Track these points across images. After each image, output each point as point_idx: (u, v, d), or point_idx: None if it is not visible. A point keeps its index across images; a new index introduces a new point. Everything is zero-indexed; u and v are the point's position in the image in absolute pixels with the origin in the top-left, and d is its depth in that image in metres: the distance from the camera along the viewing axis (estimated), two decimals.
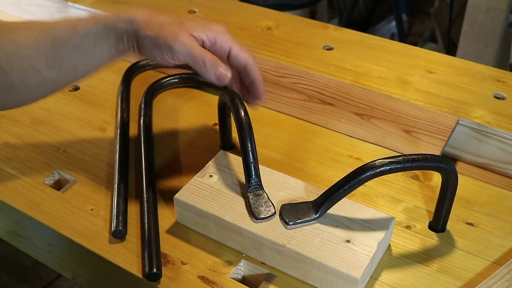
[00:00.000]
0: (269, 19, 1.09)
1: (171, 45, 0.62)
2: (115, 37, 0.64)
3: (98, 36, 0.64)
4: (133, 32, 0.64)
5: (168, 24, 0.63)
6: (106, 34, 0.64)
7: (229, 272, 0.62)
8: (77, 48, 0.64)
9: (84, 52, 0.64)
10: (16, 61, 0.62)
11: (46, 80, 0.64)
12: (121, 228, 0.65)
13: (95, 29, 0.64)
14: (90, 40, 0.64)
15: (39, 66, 0.63)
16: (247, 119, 0.65)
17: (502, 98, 0.87)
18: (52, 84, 0.66)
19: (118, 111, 0.84)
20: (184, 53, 0.62)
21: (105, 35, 0.64)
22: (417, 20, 2.69)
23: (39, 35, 0.63)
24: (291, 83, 0.91)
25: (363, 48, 0.99)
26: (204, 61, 0.62)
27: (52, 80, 0.65)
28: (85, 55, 0.65)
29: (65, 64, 0.64)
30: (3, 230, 0.77)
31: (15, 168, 0.76)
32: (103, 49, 0.65)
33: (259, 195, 0.63)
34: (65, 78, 0.66)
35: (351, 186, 0.59)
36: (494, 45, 1.73)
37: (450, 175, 0.60)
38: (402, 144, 0.78)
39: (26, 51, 0.62)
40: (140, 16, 0.64)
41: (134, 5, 0.65)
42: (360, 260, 0.57)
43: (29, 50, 0.62)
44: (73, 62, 0.65)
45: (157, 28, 0.63)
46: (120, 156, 0.75)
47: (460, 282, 0.60)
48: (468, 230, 0.66)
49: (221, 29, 0.66)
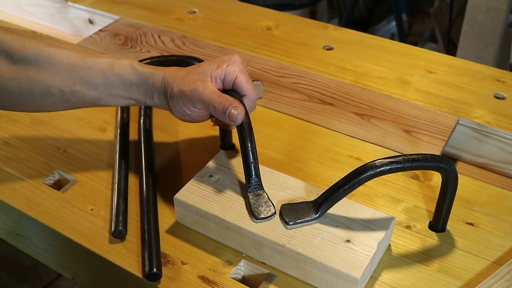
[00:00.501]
0: (269, 19, 1.09)
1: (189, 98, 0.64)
2: (147, 90, 0.66)
3: (131, 84, 0.66)
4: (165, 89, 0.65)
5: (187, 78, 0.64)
6: (138, 85, 0.66)
7: (229, 272, 0.62)
8: (107, 86, 0.66)
9: (113, 92, 0.66)
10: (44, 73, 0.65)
11: (66, 99, 0.67)
12: (121, 228, 0.65)
13: (130, 76, 0.66)
14: (122, 84, 0.66)
15: (64, 87, 0.66)
16: (247, 119, 0.65)
17: (502, 98, 0.87)
18: (71, 104, 0.68)
19: (118, 111, 0.84)
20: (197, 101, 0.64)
21: (137, 85, 0.66)
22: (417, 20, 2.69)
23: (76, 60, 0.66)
24: (291, 83, 0.91)
25: (363, 48, 1.00)
26: (214, 106, 0.63)
27: (72, 101, 0.67)
28: (113, 95, 0.67)
29: (90, 93, 0.66)
30: (3, 230, 0.77)
31: (15, 168, 0.76)
32: (131, 95, 0.67)
33: (259, 195, 0.63)
34: (84, 103, 0.68)
35: (351, 186, 0.59)
36: (494, 45, 1.73)
37: (450, 175, 0.60)
38: (402, 144, 0.78)
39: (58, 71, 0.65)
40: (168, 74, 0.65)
41: None
42: (360, 260, 0.57)
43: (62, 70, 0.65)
44: (99, 95, 0.67)
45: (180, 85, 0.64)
46: (120, 156, 0.75)
47: (460, 282, 0.60)
48: (468, 230, 0.66)
49: (233, 58, 0.66)
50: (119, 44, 1.02)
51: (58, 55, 0.66)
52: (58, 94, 0.66)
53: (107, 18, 1.11)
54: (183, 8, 1.13)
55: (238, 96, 0.65)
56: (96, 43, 1.02)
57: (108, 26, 1.07)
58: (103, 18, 1.11)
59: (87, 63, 0.66)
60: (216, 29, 1.06)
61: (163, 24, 1.07)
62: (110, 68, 0.66)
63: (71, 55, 0.66)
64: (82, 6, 1.14)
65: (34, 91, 0.66)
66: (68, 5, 1.15)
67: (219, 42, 1.02)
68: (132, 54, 0.99)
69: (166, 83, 0.65)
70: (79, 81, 0.66)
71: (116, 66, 0.66)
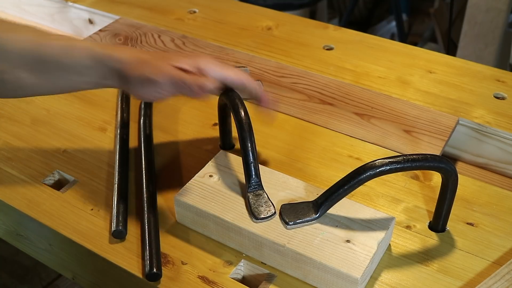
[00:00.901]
0: (269, 19, 1.09)
1: (155, 79, 0.63)
2: (104, 73, 0.65)
3: (87, 67, 0.65)
4: (121, 73, 0.64)
5: (151, 61, 0.64)
6: (95, 68, 0.65)
7: (229, 272, 0.62)
8: (62, 71, 0.65)
9: (69, 75, 0.65)
10: None
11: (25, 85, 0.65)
12: (121, 228, 0.65)
13: (86, 60, 0.65)
14: (79, 67, 0.65)
15: (19, 72, 0.64)
16: (247, 119, 0.65)
17: (502, 98, 0.87)
18: (31, 91, 0.67)
19: (118, 111, 0.84)
20: (167, 82, 0.63)
21: (94, 68, 0.65)
22: (417, 20, 2.69)
23: (31, 45, 0.64)
24: (291, 83, 0.91)
25: (363, 48, 0.99)
26: (184, 80, 0.62)
27: (31, 87, 0.66)
28: (69, 78, 0.66)
29: (47, 78, 0.65)
30: (3, 230, 0.77)
31: (15, 168, 0.76)
32: (88, 78, 0.66)
33: (259, 195, 0.63)
34: (45, 89, 0.68)
35: (351, 186, 0.59)
36: (494, 45, 1.73)
37: (450, 175, 0.60)
38: (402, 144, 0.78)
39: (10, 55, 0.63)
40: (127, 57, 0.64)
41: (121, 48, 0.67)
42: (360, 260, 0.57)
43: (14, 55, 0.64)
44: (56, 81, 0.66)
45: (141, 68, 0.64)
46: (120, 156, 0.75)
47: (460, 282, 0.60)
48: (468, 230, 0.66)
49: (208, 59, 0.65)
50: (119, 44, 1.02)
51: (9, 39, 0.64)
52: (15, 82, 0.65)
53: (107, 18, 1.11)
54: (183, 8, 1.13)
55: None
56: None
57: (108, 26, 1.07)
58: (103, 18, 1.11)
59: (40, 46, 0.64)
60: (216, 29, 1.06)
61: (163, 24, 1.07)
62: (64, 52, 0.64)
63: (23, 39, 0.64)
64: (82, 6, 1.14)
65: None
66: (68, 5, 1.15)
67: (219, 42, 1.02)
68: None
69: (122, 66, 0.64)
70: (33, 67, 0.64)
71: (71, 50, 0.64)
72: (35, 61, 0.64)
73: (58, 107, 0.86)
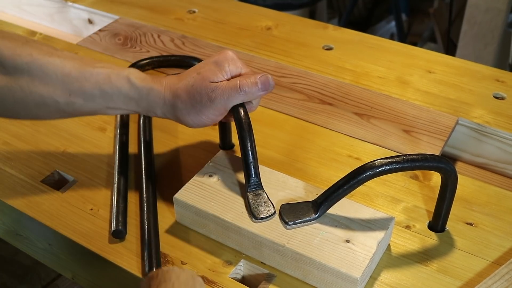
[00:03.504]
0: (268, 19, 1.09)
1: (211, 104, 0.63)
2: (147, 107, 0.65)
3: (129, 98, 0.64)
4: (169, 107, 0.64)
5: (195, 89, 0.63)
6: (137, 101, 0.65)
7: (229, 272, 0.62)
8: (104, 99, 0.64)
9: (111, 104, 0.65)
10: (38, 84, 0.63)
11: (61, 109, 0.65)
12: (121, 228, 0.65)
13: (128, 90, 0.64)
14: (121, 97, 0.64)
15: (58, 97, 0.64)
16: (247, 119, 0.65)
17: (502, 98, 0.87)
18: (66, 114, 0.67)
19: None
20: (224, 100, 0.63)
21: (136, 101, 0.65)
22: (416, 20, 2.69)
23: (71, 71, 0.64)
24: (291, 83, 0.91)
25: (363, 48, 1.00)
26: (241, 87, 0.62)
27: (67, 111, 0.66)
28: (110, 106, 0.65)
29: (86, 105, 0.65)
30: (2, 230, 0.77)
31: (15, 168, 0.76)
32: (130, 108, 0.66)
33: (258, 195, 0.63)
34: (81, 113, 0.67)
35: (350, 186, 0.59)
36: (494, 45, 1.73)
37: (449, 175, 0.60)
38: (402, 144, 0.78)
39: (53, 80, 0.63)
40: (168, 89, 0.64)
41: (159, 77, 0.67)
42: (359, 260, 0.57)
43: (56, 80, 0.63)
44: (95, 106, 0.65)
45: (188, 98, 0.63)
46: (120, 156, 0.75)
47: (460, 282, 0.60)
48: (467, 230, 0.66)
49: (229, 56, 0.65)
50: (119, 44, 1.02)
51: (52, 64, 0.63)
52: (53, 105, 0.64)
53: (107, 18, 1.11)
54: (183, 8, 1.13)
55: None
56: (96, 43, 1.02)
57: (107, 26, 1.07)
58: (103, 18, 1.11)
59: (82, 73, 0.64)
60: (216, 29, 1.06)
61: (163, 24, 1.07)
62: (108, 81, 0.64)
63: (66, 65, 0.64)
64: (81, 6, 1.14)
65: (28, 101, 0.64)
66: (68, 5, 1.15)
67: (219, 42, 1.02)
68: (132, 54, 0.99)
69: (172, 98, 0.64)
70: (74, 93, 0.64)
71: (114, 78, 0.64)
72: (77, 88, 0.64)
73: None
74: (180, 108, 0.64)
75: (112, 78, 0.64)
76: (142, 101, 0.65)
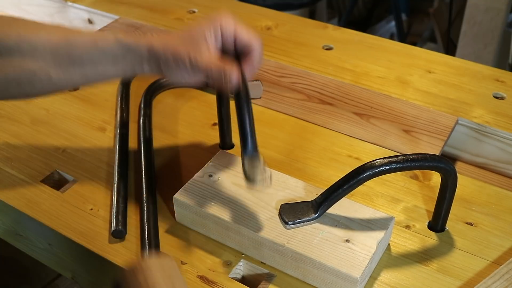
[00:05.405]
0: (268, 19, 1.09)
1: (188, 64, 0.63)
2: (134, 60, 0.65)
3: (117, 56, 0.64)
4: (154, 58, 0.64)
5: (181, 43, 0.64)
6: (125, 56, 0.65)
7: (229, 272, 0.62)
8: (93, 63, 0.65)
9: (100, 67, 0.65)
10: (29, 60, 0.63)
11: (54, 82, 0.65)
12: (120, 228, 0.65)
13: (116, 49, 0.64)
14: (109, 58, 0.64)
15: (50, 69, 0.64)
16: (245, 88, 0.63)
17: (502, 98, 0.87)
18: (59, 86, 0.67)
19: (118, 111, 0.84)
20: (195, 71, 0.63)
21: (124, 56, 0.65)
22: (416, 20, 2.69)
23: (62, 41, 0.64)
24: (290, 83, 0.91)
25: (363, 48, 1.00)
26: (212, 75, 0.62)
27: (59, 84, 0.66)
28: (100, 70, 0.65)
29: (77, 73, 0.65)
30: (2, 230, 0.77)
31: (15, 168, 0.76)
32: (119, 67, 0.65)
33: (254, 159, 0.60)
34: (73, 84, 0.67)
35: (350, 186, 0.59)
36: (494, 45, 1.73)
37: (449, 174, 0.60)
38: (402, 143, 0.78)
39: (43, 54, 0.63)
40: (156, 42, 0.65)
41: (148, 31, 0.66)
42: (359, 260, 0.57)
43: (47, 53, 0.63)
44: (86, 73, 0.65)
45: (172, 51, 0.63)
46: (120, 156, 0.75)
47: (460, 281, 0.60)
48: (467, 229, 0.66)
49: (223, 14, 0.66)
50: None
51: (39, 38, 0.64)
52: (45, 80, 0.64)
53: (107, 18, 1.11)
54: (183, 8, 1.13)
55: None
56: None
57: (107, 26, 1.07)
58: (103, 18, 1.11)
59: (69, 41, 0.64)
60: None
61: (163, 24, 1.07)
62: (94, 44, 0.64)
63: (52, 37, 0.64)
64: (81, 6, 1.14)
65: (21, 80, 0.64)
66: (68, 5, 1.15)
67: None
68: None
69: (156, 52, 0.64)
70: (64, 62, 0.64)
71: (100, 40, 0.64)
72: (67, 57, 0.64)
73: (57, 107, 0.86)
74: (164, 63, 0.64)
75: (98, 40, 0.65)
76: (128, 56, 0.64)
